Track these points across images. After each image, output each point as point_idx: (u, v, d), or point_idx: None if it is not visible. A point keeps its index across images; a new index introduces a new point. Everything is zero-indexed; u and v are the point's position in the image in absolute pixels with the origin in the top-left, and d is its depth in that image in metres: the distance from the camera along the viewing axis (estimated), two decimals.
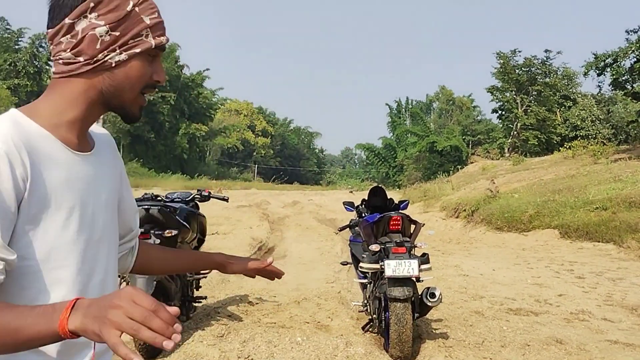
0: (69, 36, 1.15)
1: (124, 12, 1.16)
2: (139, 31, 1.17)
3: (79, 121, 1.20)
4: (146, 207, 4.66)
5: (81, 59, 1.16)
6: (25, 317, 0.96)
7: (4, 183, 1.04)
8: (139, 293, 0.93)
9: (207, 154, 63.25)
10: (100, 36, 1.15)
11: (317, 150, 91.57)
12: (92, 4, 1.14)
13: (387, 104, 61.46)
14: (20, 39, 39.71)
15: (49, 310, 0.97)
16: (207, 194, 5.62)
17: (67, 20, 1.14)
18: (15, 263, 1.06)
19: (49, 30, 1.18)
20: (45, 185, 1.11)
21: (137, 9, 1.17)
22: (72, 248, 1.16)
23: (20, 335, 0.96)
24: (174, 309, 0.94)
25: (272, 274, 1.70)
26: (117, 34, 1.16)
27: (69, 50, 1.16)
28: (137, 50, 1.18)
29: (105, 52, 1.16)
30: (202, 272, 5.49)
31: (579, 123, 36.11)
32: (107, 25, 1.15)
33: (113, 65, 1.17)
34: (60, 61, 1.17)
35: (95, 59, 1.16)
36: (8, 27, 39.83)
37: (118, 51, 1.17)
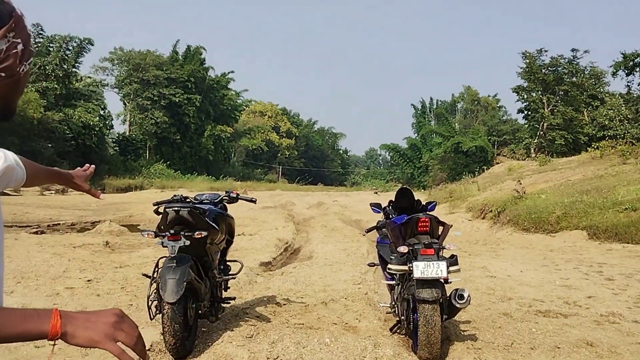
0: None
1: (23, 26, 1.30)
2: (30, 43, 1.34)
3: None
4: (176, 208, 4.70)
5: (3, 74, 1.28)
6: (10, 315, 1.10)
7: None
8: (126, 315, 1.18)
9: (232, 155, 63.64)
10: (19, 53, 1.30)
11: (341, 151, 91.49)
12: (12, 26, 1.26)
13: (412, 105, 61.22)
14: (50, 44, 40.41)
15: (32, 313, 1.12)
16: (235, 195, 5.66)
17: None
18: None
19: None
20: None
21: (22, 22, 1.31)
22: None
23: (5, 330, 1.09)
24: None
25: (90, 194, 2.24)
26: (24, 48, 1.31)
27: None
28: (31, 58, 1.36)
29: (20, 65, 1.31)
30: (230, 273, 5.56)
31: (606, 123, 35.52)
32: (22, 42, 1.30)
33: (22, 75, 1.33)
34: None
35: (15, 72, 1.30)
36: (41, 32, 40.55)
37: (25, 62, 1.33)
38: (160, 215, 4.91)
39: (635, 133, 31.32)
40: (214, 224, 5.01)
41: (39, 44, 40.08)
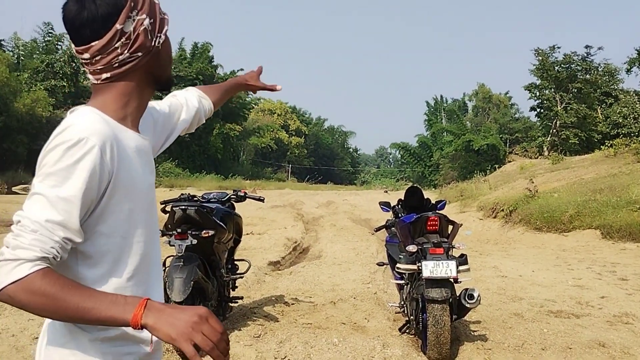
0: (123, 39, 1.28)
1: (148, 0, 1.32)
2: (159, 12, 1.36)
3: (138, 109, 1.39)
4: (183, 207, 4.70)
5: (140, 53, 1.31)
6: (99, 301, 1.15)
7: (91, 178, 1.19)
8: (212, 315, 1.15)
9: (241, 153, 63.68)
10: (148, 27, 1.32)
11: (351, 150, 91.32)
12: (132, 4, 1.29)
13: (426, 102, 60.96)
14: (59, 43, 40.54)
15: (120, 300, 1.16)
16: (243, 194, 5.63)
17: (117, 26, 1.27)
18: (80, 246, 1.24)
19: (95, 44, 1.28)
20: (126, 173, 1.28)
21: None
22: (144, 224, 1.36)
23: (91, 314, 1.14)
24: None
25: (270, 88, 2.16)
26: (153, 20, 1.33)
27: (126, 51, 1.30)
28: (167, 27, 1.37)
29: (154, 39, 1.34)
30: (238, 272, 5.53)
31: (620, 120, 35.11)
32: (147, 16, 1.31)
33: (160, 47, 1.36)
34: (116, 64, 1.30)
35: (151, 48, 1.33)
36: (51, 31, 40.72)
37: (158, 34, 1.35)
38: (168, 214, 4.90)
39: None
40: (221, 223, 4.99)
41: (49, 42, 40.23)
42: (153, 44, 1.33)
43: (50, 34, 40.77)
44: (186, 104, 1.77)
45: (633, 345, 4.98)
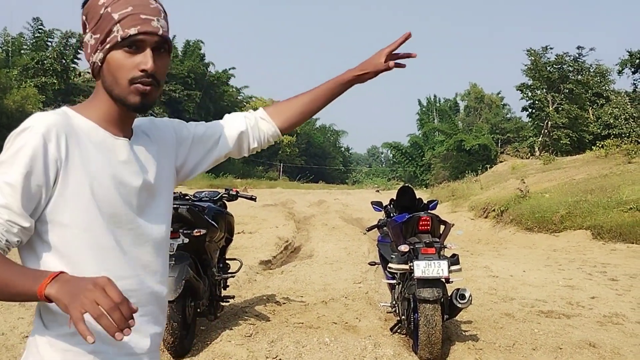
0: (87, 47, 1.38)
1: (99, 15, 1.32)
2: (110, 28, 1.31)
3: (113, 114, 1.39)
4: (175, 206, 4.67)
5: (89, 65, 1.38)
6: (18, 275, 1.15)
7: (33, 162, 1.23)
8: (112, 285, 1.10)
9: None
10: (88, 42, 1.36)
11: (343, 149, 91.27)
12: (85, 19, 1.36)
13: (418, 101, 60.95)
14: (49, 39, 40.14)
15: (37, 274, 1.15)
16: (234, 193, 5.62)
17: (84, 36, 1.39)
18: (32, 229, 1.26)
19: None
20: (83, 166, 1.30)
21: (108, 9, 1.31)
22: (118, 220, 1.36)
23: (9, 288, 1.15)
24: (134, 307, 1.11)
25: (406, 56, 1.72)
26: (97, 36, 1.33)
27: (88, 58, 1.38)
28: (108, 46, 1.32)
29: (92, 54, 1.35)
30: (229, 271, 5.51)
31: (612, 121, 35.32)
32: (90, 32, 1.35)
33: (100, 64, 1.34)
34: (89, 66, 1.40)
35: (90, 62, 1.37)
36: (41, 27, 40.33)
37: (98, 52, 1.33)
38: None
39: None
40: (213, 222, 4.97)
41: (38, 38, 39.79)
42: (92, 59, 1.35)
43: (40, 30, 40.32)
44: (227, 128, 1.68)
45: (623, 346, 5.00)
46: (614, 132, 32.64)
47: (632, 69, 26.60)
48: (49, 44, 39.86)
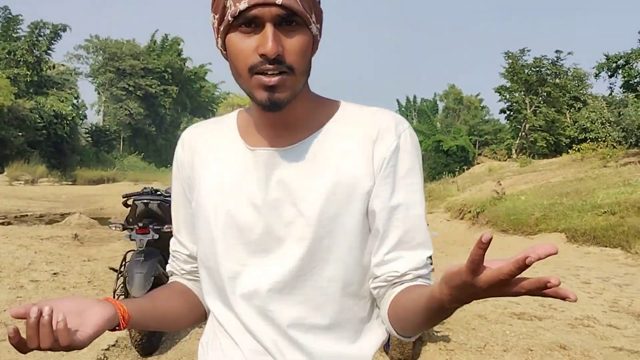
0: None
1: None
2: (224, 4, 1.02)
3: (255, 115, 1.16)
4: (145, 201, 4.62)
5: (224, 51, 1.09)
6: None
7: (175, 169, 1.30)
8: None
9: None
10: (213, 25, 1.07)
11: None
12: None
13: (397, 100, 61.13)
14: (18, 27, 38.80)
15: None
16: None
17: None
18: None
19: None
20: (205, 171, 1.19)
21: None
22: (218, 244, 1.14)
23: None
24: None
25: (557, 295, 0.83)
26: (217, 16, 1.04)
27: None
28: (221, 28, 1.03)
29: (216, 39, 1.08)
30: None
31: (588, 125, 35.77)
32: (212, 11, 1.06)
33: (223, 52, 1.07)
34: None
35: (218, 48, 1.10)
36: (9, 16, 38.95)
37: (218, 35, 1.06)
38: (129, 208, 4.80)
39: (617, 136, 31.61)
40: None
41: (5, 27, 38.45)
42: (217, 45, 1.08)
43: (8, 19, 38.89)
44: (379, 239, 1.16)
45: (593, 348, 5.03)
46: (591, 136, 33.07)
47: (609, 73, 26.87)
48: (20, 32, 38.67)
